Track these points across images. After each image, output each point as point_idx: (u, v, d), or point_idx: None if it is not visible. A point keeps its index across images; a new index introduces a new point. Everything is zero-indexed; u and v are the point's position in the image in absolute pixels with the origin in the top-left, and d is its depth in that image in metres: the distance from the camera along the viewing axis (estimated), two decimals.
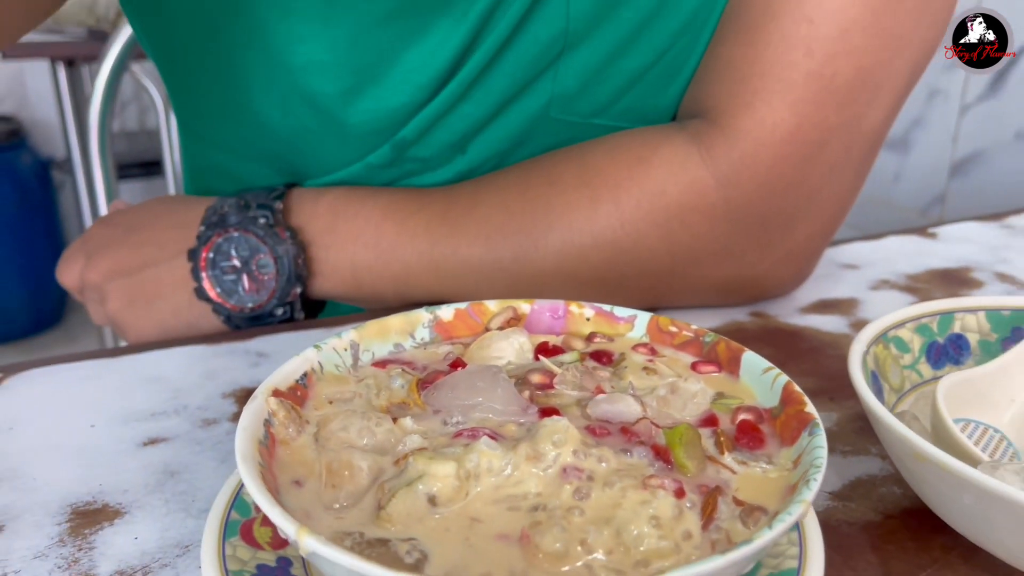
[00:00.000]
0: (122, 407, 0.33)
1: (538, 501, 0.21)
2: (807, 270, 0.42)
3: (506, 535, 0.20)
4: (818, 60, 0.35)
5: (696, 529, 0.20)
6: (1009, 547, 0.23)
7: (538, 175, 0.39)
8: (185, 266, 0.40)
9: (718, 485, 0.22)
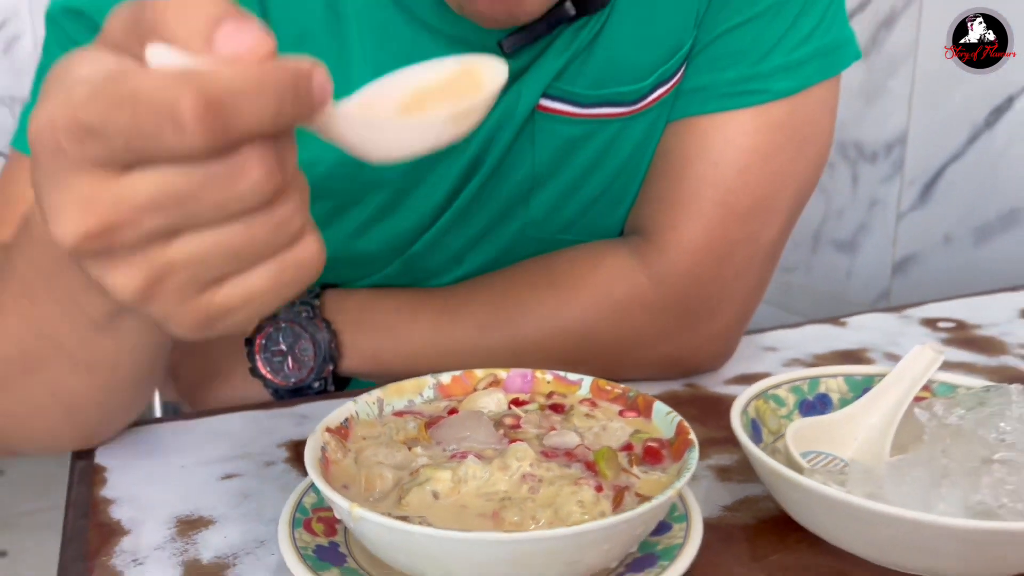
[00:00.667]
0: (203, 453, 0.43)
1: (505, 494, 0.32)
2: (728, 350, 0.53)
3: (484, 514, 0.31)
4: (722, 193, 0.48)
5: (608, 510, 0.31)
6: (828, 529, 0.34)
7: (517, 279, 0.51)
8: (243, 350, 0.52)
9: (627, 485, 0.33)
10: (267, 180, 0.24)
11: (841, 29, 0.51)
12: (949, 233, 1.04)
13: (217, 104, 0.22)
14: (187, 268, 0.26)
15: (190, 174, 0.24)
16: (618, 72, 0.48)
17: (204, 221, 0.25)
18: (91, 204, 0.24)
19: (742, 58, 0.48)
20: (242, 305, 0.27)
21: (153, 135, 0.23)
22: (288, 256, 0.27)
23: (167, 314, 0.27)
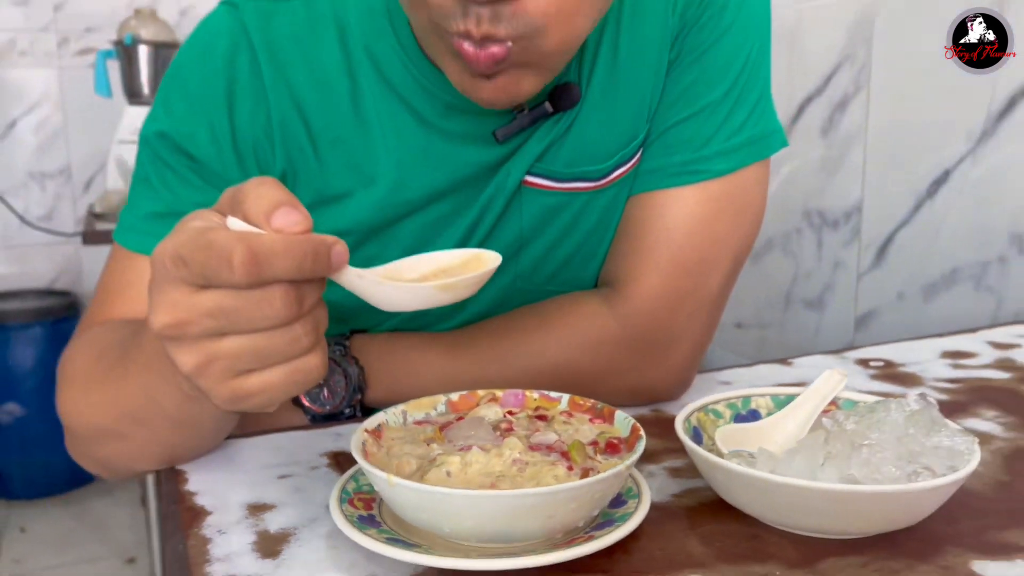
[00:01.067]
0: (261, 461, 0.54)
1: (500, 473, 0.43)
2: (685, 381, 0.64)
3: (484, 486, 0.42)
4: (674, 251, 0.60)
5: None
6: (743, 501, 0.45)
7: (510, 323, 0.63)
8: None
9: (592, 468, 0.44)
10: (285, 309, 0.38)
11: (769, 122, 0.63)
12: (902, 291, 1.15)
13: (257, 257, 0.36)
14: (226, 359, 0.39)
15: (235, 297, 0.38)
16: (586, 155, 0.61)
17: (241, 329, 0.38)
18: (174, 306, 0.38)
19: (687, 145, 0.60)
20: (260, 392, 0.40)
21: (216, 269, 0.37)
22: (298, 363, 0.40)
23: (209, 389, 0.41)
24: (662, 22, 0.61)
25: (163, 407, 0.49)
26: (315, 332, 0.40)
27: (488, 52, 0.47)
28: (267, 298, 0.38)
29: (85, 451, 0.57)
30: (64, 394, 0.57)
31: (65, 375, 0.57)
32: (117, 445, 0.54)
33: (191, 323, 0.38)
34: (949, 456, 0.44)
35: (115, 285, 0.62)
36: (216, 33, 0.62)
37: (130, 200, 0.64)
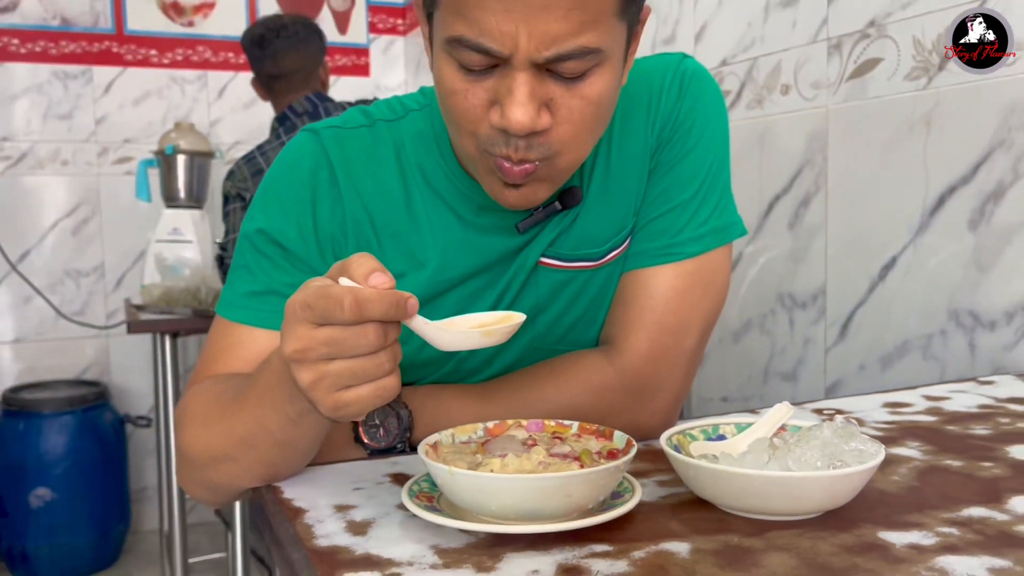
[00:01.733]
0: (338, 480, 0.70)
1: (530, 470, 0.58)
2: (668, 422, 0.79)
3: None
4: (657, 316, 0.77)
5: None
6: (710, 493, 0.60)
7: (528, 375, 0.79)
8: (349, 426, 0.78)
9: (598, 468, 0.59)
10: (376, 340, 0.54)
11: (730, 215, 0.81)
12: (862, 362, 1.32)
13: (359, 302, 0.54)
14: (332, 377, 0.56)
15: (342, 331, 0.55)
16: (587, 241, 0.79)
17: (344, 355, 0.56)
18: (299, 338, 0.56)
19: (665, 233, 0.78)
20: (355, 402, 0.57)
21: (331, 311, 0.54)
22: (381, 382, 0.56)
23: (319, 400, 0.58)
24: (643, 141, 0.79)
25: (270, 431, 0.64)
26: (394, 361, 0.57)
27: (522, 168, 0.66)
28: (364, 332, 0.55)
29: (199, 477, 0.72)
30: (185, 431, 0.72)
31: (185, 416, 0.73)
32: (229, 467, 0.69)
33: (311, 350, 0.55)
34: (861, 456, 0.59)
35: (218, 349, 0.78)
36: (301, 154, 0.80)
37: (229, 282, 0.81)
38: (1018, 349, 1.09)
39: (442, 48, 0.65)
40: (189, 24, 2.80)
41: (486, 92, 0.65)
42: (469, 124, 0.66)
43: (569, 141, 0.66)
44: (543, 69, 0.63)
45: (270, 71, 1.97)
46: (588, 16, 0.61)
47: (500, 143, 0.65)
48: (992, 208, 1.11)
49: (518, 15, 0.60)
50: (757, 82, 1.50)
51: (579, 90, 0.64)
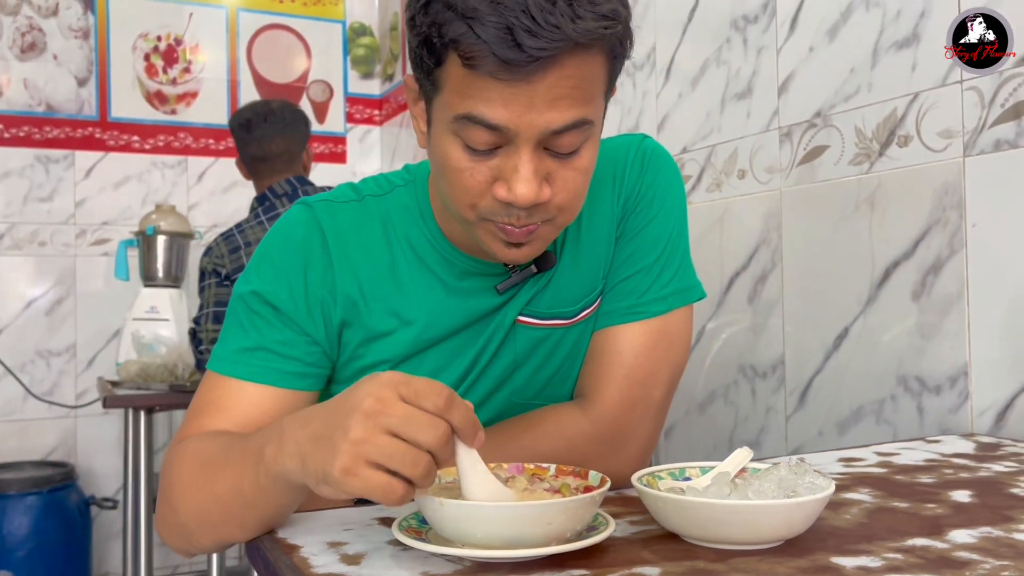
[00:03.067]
0: (328, 522, 0.74)
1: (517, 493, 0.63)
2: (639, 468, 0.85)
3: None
4: (626, 370, 0.83)
5: None
6: (676, 523, 0.65)
7: (509, 427, 0.84)
8: None
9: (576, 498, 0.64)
10: (438, 438, 0.57)
11: (690, 279, 0.89)
12: (821, 428, 1.38)
13: (452, 400, 0.58)
14: (372, 446, 0.57)
15: (418, 414, 0.57)
16: (561, 300, 0.85)
17: (398, 433, 0.57)
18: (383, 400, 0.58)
19: (632, 294, 0.85)
20: (362, 481, 0.56)
21: (427, 392, 0.58)
22: (393, 482, 0.57)
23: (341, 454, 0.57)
24: (610, 211, 0.87)
25: (243, 493, 0.68)
26: (421, 474, 0.57)
27: (526, 230, 0.73)
28: (435, 423, 0.57)
29: (180, 532, 0.75)
30: (171, 490, 0.75)
31: (171, 475, 0.76)
32: (210, 528, 0.72)
33: (385, 414, 0.57)
34: (814, 488, 0.65)
35: (207, 401, 0.83)
36: (296, 223, 0.87)
37: (222, 340, 0.85)
38: (962, 411, 1.17)
39: (447, 128, 0.71)
40: (172, 112, 2.90)
41: (490, 170, 0.71)
42: (471, 198, 0.72)
43: (565, 206, 0.74)
44: (542, 148, 0.70)
45: (255, 153, 2.05)
46: (586, 97, 0.69)
47: (503, 213, 0.72)
48: (932, 280, 1.20)
49: (524, 101, 0.67)
50: (716, 167, 1.60)
51: (572, 163, 0.72)
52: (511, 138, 0.69)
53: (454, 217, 0.78)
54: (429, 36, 0.68)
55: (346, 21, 3.20)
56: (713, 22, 1.61)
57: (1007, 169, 1.11)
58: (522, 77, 0.65)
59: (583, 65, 0.67)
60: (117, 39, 2.84)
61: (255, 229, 1.96)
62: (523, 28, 0.63)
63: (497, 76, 0.66)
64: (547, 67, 0.65)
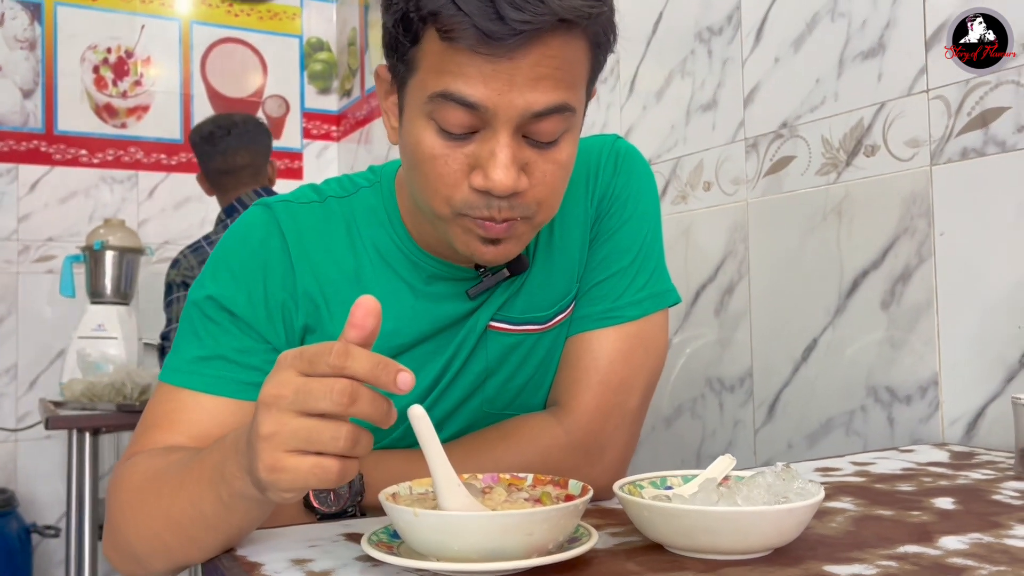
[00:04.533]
0: (293, 540, 0.69)
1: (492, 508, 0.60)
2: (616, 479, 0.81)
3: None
4: (602, 376, 0.80)
5: None
6: (663, 533, 0.62)
7: (480, 437, 0.80)
8: None
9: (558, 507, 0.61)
10: (340, 397, 0.50)
11: (665, 283, 0.86)
12: (790, 441, 1.37)
13: (348, 349, 0.51)
14: (285, 434, 0.52)
15: (317, 381, 0.52)
16: (533, 305, 0.82)
17: (308, 408, 0.51)
18: (280, 383, 0.53)
19: (606, 298, 0.82)
20: (290, 471, 0.52)
21: (320, 356, 0.51)
22: (324, 461, 0.52)
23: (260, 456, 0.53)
24: (583, 212, 0.85)
25: (204, 514, 0.63)
26: (351, 442, 0.53)
27: (503, 225, 0.69)
28: (331, 383, 0.51)
29: (127, 552, 0.70)
30: (119, 508, 0.70)
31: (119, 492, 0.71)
32: (161, 548, 0.67)
33: (282, 396, 0.53)
34: (803, 494, 0.63)
35: (159, 414, 0.77)
36: (252, 225, 0.82)
37: (175, 349, 0.80)
38: (932, 421, 1.16)
39: (421, 111, 0.68)
40: (122, 126, 2.82)
41: (465, 157, 0.67)
42: (446, 188, 0.69)
43: (543, 201, 0.70)
44: (520, 135, 0.67)
45: (220, 166, 2.01)
46: (568, 81, 0.67)
47: (480, 206, 0.68)
48: (901, 289, 1.20)
49: (505, 79, 0.64)
50: (681, 179, 1.59)
51: (551, 155, 0.69)
52: (488, 120, 0.66)
53: (426, 215, 0.75)
54: (407, 12, 0.65)
55: (303, 36, 3.16)
56: (677, 34, 1.61)
57: (974, 177, 1.11)
58: (503, 52, 0.63)
59: (567, 47, 0.65)
60: (65, 50, 2.76)
61: None
62: (507, 0, 0.60)
63: (477, 50, 0.63)
64: (530, 43, 0.63)
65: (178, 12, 2.94)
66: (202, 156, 2.04)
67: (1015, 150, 1.06)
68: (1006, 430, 1.05)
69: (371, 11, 2.97)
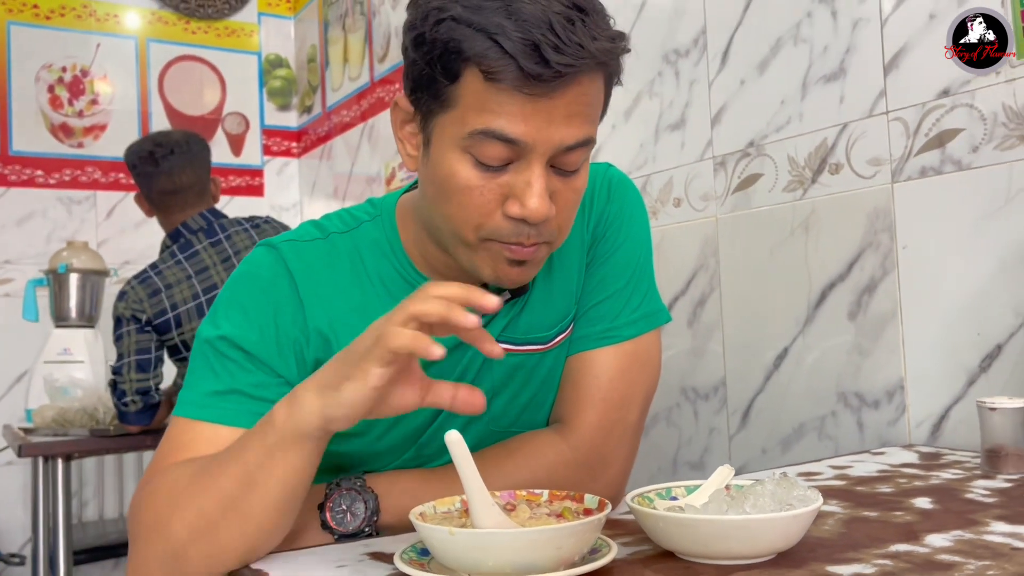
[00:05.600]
0: (318, 560, 0.71)
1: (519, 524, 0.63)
2: (619, 494, 0.85)
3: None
4: (603, 393, 0.84)
5: None
6: (677, 542, 0.66)
7: (489, 455, 0.84)
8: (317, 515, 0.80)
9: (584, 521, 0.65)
10: None
11: (657, 303, 0.91)
12: (764, 447, 1.43)
13: None
14: None
15: None
16: (535, 326, 0.86)
17: None
18: None
19: (604, 319, 0.86)
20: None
21: None
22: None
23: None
24: (579, 237, 0.89)
25: (247, 467, 0.68)
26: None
27: (531, 249, 0.74)
28: None
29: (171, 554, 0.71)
30: (155, 514, 0.72)
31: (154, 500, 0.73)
32: (205, 544, 0.69)
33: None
34: (804, 500, 0.67)
35: (180, 446, 0.79)
36: (260, 266, 0.84)
37: (188, 386, 0.82)
38: (900, 424, 1.23)
39: (456, 145, 0.71)
40: (79, 145, 2.78)
41: (499, 187, 0.72)
42: (479, 217, 0.73)
43: (564, 226, 0.76)
44: (550, 165, 0.72)
45: (164, 187, 1.94)
46: (594, 116, 0.73)
47: (511, 233, 0.73)
48: (867, 300, 1.26)
49: (544, 116, 0.69)
50: (651, 196, 1.65)
51: (572, 183, 0.74)
52: (524, 154, 0.70)
53: (447, 241, 0.78)
54: (445, 52, 0.69)
55: (261, 53, 3.16)
56: (645, 56, 1.66)
57: (933, 194, 1.18)
58: (544, 92, 0.67)
59: (593, 85, 0.70)
60: (18, 70, 2.71)
61: (174, 270, 1.87)
62: (549, 44, 0.65)
63: (521, 90, 0.67)
64: (568, 84, 0.68)
65: (134, 30, 2.91)
66: (142, 177, 1.96)
67: (970, 168, 1.13)
68: (969, 431, 1.12)
69: (331, 28, 2.98)
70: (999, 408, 0.95)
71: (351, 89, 2.83)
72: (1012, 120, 1.08)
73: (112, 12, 2.86)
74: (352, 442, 0.84)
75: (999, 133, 1.10)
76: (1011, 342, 1.09)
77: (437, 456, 0.86)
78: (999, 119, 1.10)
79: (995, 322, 1.11)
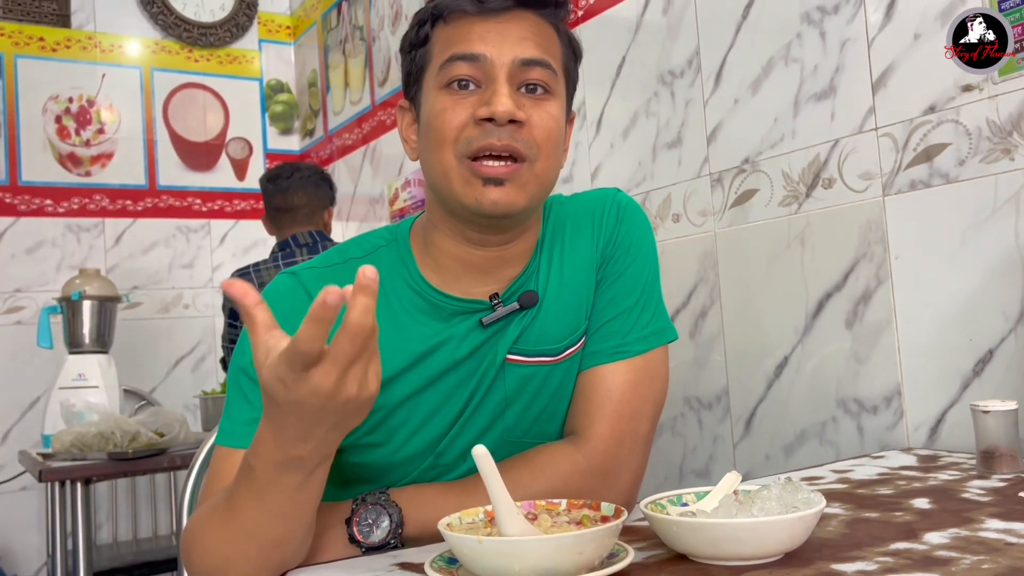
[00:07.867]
0: (353, 572, 0.75)
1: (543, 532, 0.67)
2: (631, 502, 0.90)
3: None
4: (615, 406, 0.88)
5: None
6: (690, 545, 0.70)
7: (505, 467, 0.88)
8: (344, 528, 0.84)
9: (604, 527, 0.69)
10: None
11: (665, 321, 0.95)
12: (768, 453, 1.47)
13: None
14: None
15: None
16: (545, 338, 0.91)
17: None
18: None
19: (615, 335, 0.91)
20: None
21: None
22: None
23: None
24: (589, 256, 0.93)
25: (265, 503, 0.71)
26: None
27: (506, 168, 0.82)
28: None
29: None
30: (194, 547, 0.77)
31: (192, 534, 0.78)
32: (244, 564, 0.74)
33: None
34: (809, 503, 0.72)
35: (223, 475, 0.83)
36: (282, 293, 0.89)
37: (226, 415, 0.87)
38: (898, 428, 1.27)
39: (434, 86, 0.84)
40: (86, 174, 2.83)
41: (471, 105, 0.82)
42: (454, 132, 0.82)
43: (541, 145, 0.84)
44: (515, 86, 0.83)
45: (278, 204, 2.18)
46: (548, 51, 0.85)
47: (481, 135, 0.81)
48: (863, 309, 1.31)
49: (497, 36, 0.82)
50: (651, 212, 1.70)
51: (544, 106, 0.84)
52: (488, 71, 0.82)
53: (442, 184, 0.85)
54: (419, 28, 0.86)
55: (263, 78, 3.21)
56: (641, 77, 1.71)
57: (923, 206, 1.23)
58: (493, 16, 0.83)
59: (542, 29, 0.85)
60: (26, 102, 2.77)
61: (271, 270, 2.08)
62: None
63: (473, 17, 0.83)
64: (512, 14, 0.83)
65: (138, 59, 2.97)
66: (265, 194, 2.22)
67: (957, 181, 1.18)
68: (965, 433, 1.17)
69: (331, 53, 3.04)
70: (992, 411, 1.00)
71: (352, 113, 2.88)
72: (996, 134, 1.13)
73: (116, 43, 2.92)
74: (372, 453, 0.89)
75: (984, 147, 1.15)
76: (1002, 347, 1.14)
77: (454, 466, 0.91)
78: (983, 133, 1.15)
79: (986, 327, 1.15)
